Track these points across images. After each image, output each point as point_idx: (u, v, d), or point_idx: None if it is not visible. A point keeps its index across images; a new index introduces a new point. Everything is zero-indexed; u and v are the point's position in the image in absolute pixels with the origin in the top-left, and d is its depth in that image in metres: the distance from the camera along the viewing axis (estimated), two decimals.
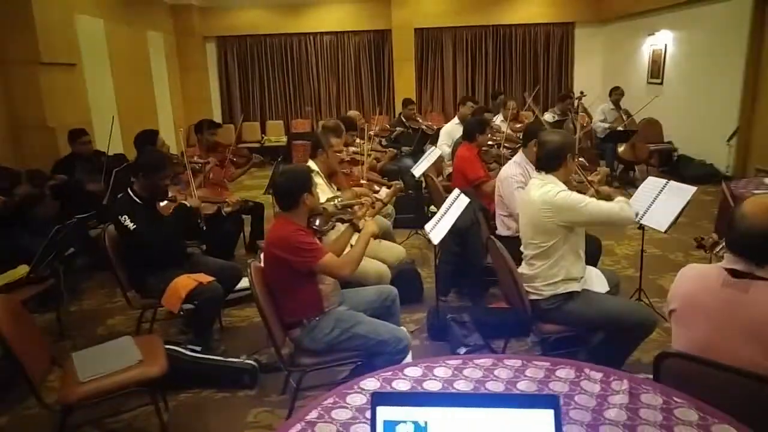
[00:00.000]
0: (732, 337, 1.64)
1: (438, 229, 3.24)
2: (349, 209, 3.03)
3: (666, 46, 8.61)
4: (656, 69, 8.88)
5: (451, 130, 6.19)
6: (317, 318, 2.66)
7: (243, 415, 2.95)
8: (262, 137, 10.70)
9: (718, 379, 1.60)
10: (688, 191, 3.22)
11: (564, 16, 10.41)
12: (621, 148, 7.47)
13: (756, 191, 3.84)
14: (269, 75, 10.62)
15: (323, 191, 3.55)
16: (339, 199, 3.11)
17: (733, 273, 1.65)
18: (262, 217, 5.36)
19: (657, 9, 8.56)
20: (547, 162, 2.78)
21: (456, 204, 3.25)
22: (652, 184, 3.49)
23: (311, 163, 3.70)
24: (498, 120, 6.60)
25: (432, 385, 1.68)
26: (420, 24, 10.34)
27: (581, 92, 7.93)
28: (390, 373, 1.76)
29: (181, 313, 3.44)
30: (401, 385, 1.69)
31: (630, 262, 4.89)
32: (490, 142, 4.71)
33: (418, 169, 4.97)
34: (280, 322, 2.65)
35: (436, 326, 3.47)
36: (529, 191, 2.83)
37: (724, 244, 2.04)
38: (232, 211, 3.84)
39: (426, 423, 1.16)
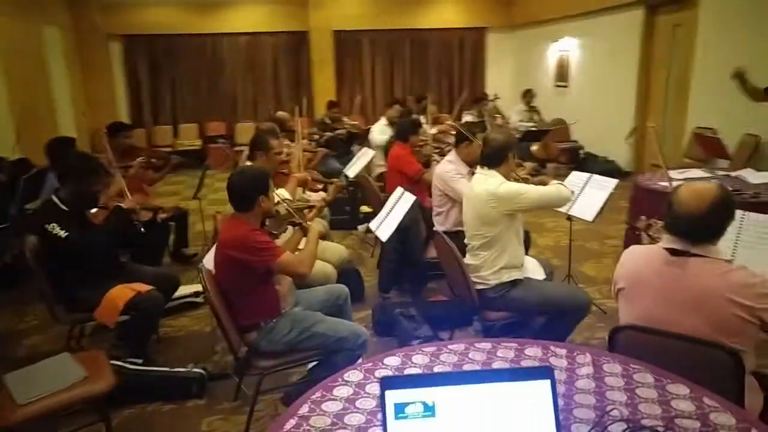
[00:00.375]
0: (675, 310, 1.82)
1: (384, 226, 3.31)
2: (300, 212, 3.02)
3: (570, 51, 9.22)
4: (562, 73, 9.49)
5: (382, 129, 6.30)
6: (274, 320, 2.64)
7: (196, 424, 2.86)
8: (175, 141, 10.29)
9: (665, 347, 1.78)
10: (610, 183, 3.50)
11: (476, 22, 10.86)
12: (534, 147, 7.91)
13: (662, 182, 4.23)
14: (182, 77, 10.23)
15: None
16: (287, 203, 3.08)
17: (672, 252, 1.84)
18: (186, 224, 5.18)
19: (561, 18, 9.16)
20: (490, 159, 2.93)
21: (401, 202, 3.33)
22: (576, 177, 3.75)
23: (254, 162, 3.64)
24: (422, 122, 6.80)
25: (414, 372, 1.73)
26: (338, 26, 10.38)
27: (495, 95, 8.34)
28: (371, 363, 1.79)
29: (110, 326, 3.26)
30: (384, 374, 1.73)
31: (553, 252, 5.21)
32: (420, 143, 4.84)
33: (352, 170, 5.02)
34: (236, 326, 2.60)
35: (383, 322, 3.53)
36: (474, 186, 2.97)
37: (658, 224, 2.27)
38: (167, 217, 3.69)
39: (434, 402, 1.21)
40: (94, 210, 3.25)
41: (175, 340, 3.78)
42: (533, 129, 7.62)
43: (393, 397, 1.20)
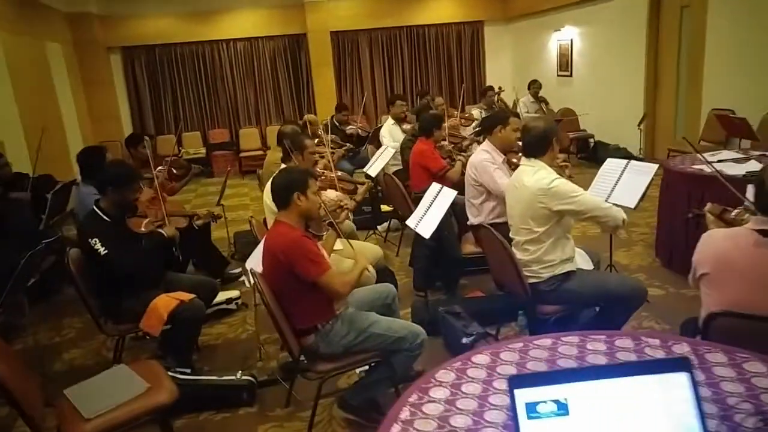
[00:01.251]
0: None
1: (425, 223, 3.27)
2: (334, 213, 2.99)
3: (572, 40, 9.21)
4: (565, 62, 9.48)
5: (391, 129, 6.26)
6: (330, 322, 2.60)
7: None
8: (180, 150, 10.18)
9: (762, 332, 1.75)
10: (650, 168, 3.47)
11: (473, 15, 10.85)
12: None
13: (695, 166, 4.22)
14: (182, 85, 10.14)
15: None
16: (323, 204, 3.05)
17: (763, 233, 1.81)
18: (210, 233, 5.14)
19: (560, 6, 9.14)
20: (533, 147, 2.88)
21: (441, 198, 3.29)
22: (612, 165, 3.72)
23: (291, 163, 3.60)
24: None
25: (507, 369, 1.70)
26: (335, 27, 10.34)
27: (500, 87, 8.33)
28: (460, 363, 1.76)
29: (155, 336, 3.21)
30: (477, 373, 1.69)
31: (580, 242, 5.12)
32: (443, 138, 4.81)
33: (373, 169, 4.98)
34: (293, 331, 2.56)
35: (426, 321, 3.48)
36: (521, 177, 2.91)
37: (731, 211, 2.24)
38: (203, 223, 3.64)
39: (566, 399, 1.18)
40: (132, 219, 3.20)
41: (214, 348, 3.74)
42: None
43: (523, 396, 1.17)
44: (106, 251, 2.95)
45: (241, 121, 10.36)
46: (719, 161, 4.38)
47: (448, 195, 3.24)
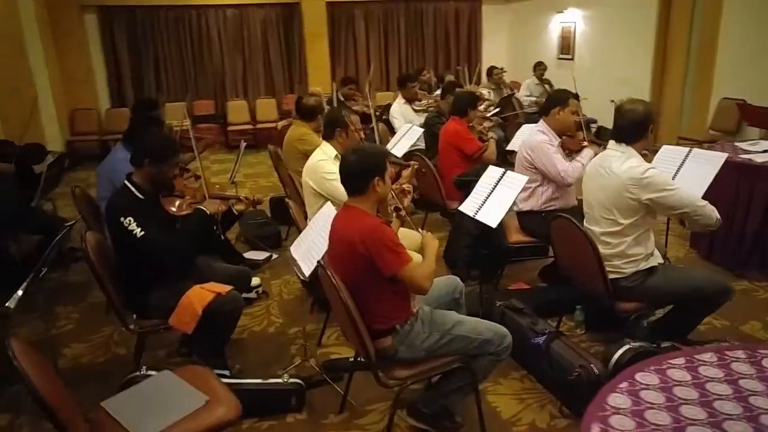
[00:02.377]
0: None
1: (490, 211, 2.97)
2: (398, 197, 2.67)
3: (575, 23, 8.98)
4: (566, 45, 9.26)
5: (403, 110, 5.93)
6: (409, 322, 2.30)
7: None
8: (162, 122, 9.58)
9: None
10: (718, 158, 3.24)
11: None
12: None
13: (743, 156, 4.05)
14: (165, 53, 9.45)
15: (336, 173, 3.14)
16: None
17: None
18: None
19: None
20: (627, 133, 2.63)
21: (508, 183, 3.00)
22: (670, 152, 3.48)
23: (326, 146, 3.24)
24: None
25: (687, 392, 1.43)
26: None
27: (502, 68, 8.07)
28: (626, 384, 1.48)
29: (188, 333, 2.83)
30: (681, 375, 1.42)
31: None
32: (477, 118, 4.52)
33: (398, 149, 4.65)
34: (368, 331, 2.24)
35: (483, 316, 3.21)
36: (609, 163, 2.65)
37: None
38: (245, 208, 3.25)
39: None
40: (168, 199, 2.80)
41: (241, 344, 3.38)
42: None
43: None
44: (143, 232, 2.55)
45: (228, 92, 9.77)
46: (764, 150, 4.23)
47: (519, 180, 2.95)
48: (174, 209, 2.81)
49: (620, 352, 2.59)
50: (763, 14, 6.11)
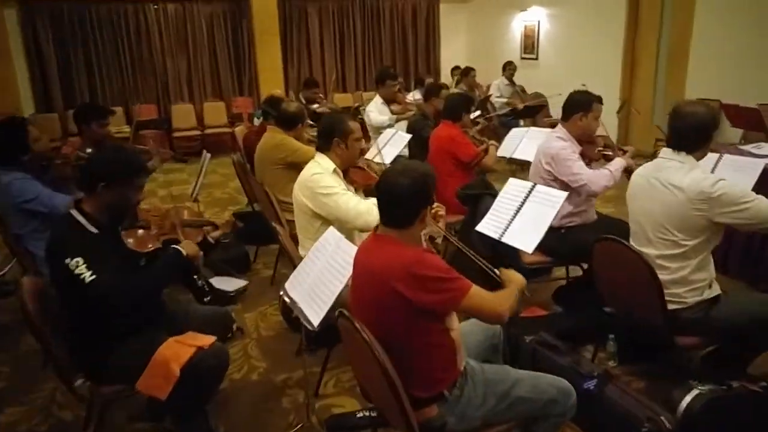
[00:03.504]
0: None
1: (520, 232, 2.53)
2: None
3: (539, 21, 8.76)
4: (530, 44, 9.04)
5: (380, 110, 5.43)
6: (458, 385, 1.82)
7: None
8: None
9: None
10: (756, 165, 2.93)
11: None
12: (522, 123, 7.39)
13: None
14: (98, 53, 8.51)
15: (336, 188, 2.63)
16: None
17: None
18: None
19: None
20: (689, 139, 2.25)
21: (538, 198, 2.57)
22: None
23: (321, 158, 2.71)
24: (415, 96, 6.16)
25: None
26: None
27: (472, 69, 7.76)
28: None
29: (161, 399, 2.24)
30: None
31: None
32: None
33: (387, 156, 4.15)
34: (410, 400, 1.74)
35: (510, 355, 2.76)
36: (666, 175, 2.27)
37: None
38: (221, 235, 2.66)
39: None
40: (131, 231, 2.20)
41: (221, 397, 2.77)
42: (530, 105, 7.00)
43: None
44: (93, 276, 1.95)
45: (172, 96, 8.97)
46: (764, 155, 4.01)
47: (555, 196, 2.52)
48: (137, 244, 2.22)
49: (689, 399, 2.20)
50: (735, 14, 6.04)
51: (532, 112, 7.06)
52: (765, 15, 5.72)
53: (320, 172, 2.61)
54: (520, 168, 6.12)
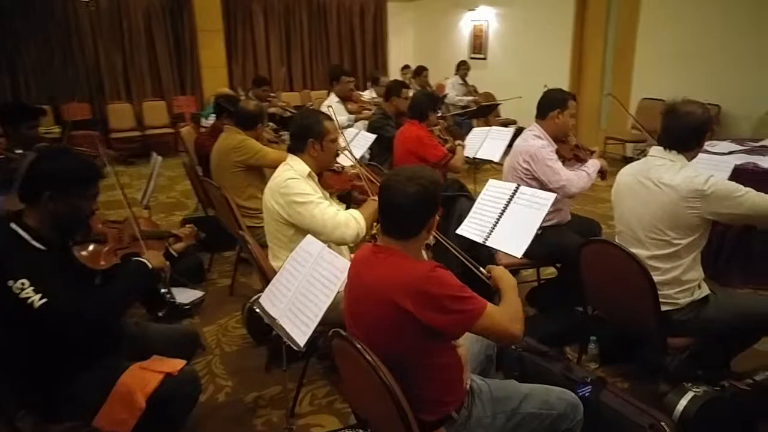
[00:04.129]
0: None
1: (507, 236, 2.42)
2: None
3: (488, 21, 8.80)
4: (479, 44, 9.07)
5: (336, 109, 5.24)
6: (465, 405, 1.68)
7: None
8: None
9: None
10: (729, 163, 2.96)
11: None
12: (475, 123, 7.39)
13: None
14: (19, 45, 7.80)
15: (312, 196, 2.44)
16: None
17: None
18: None
19: None
20: (680, 139, 2.21)
21: (523, 200, 2.47)
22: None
23: (294, 161, 2.50)
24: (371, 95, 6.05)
25: None
26: None
27: (425, 68, 7.69)
28: None
29: None
30: None
31: None
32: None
33: (347, 159, 3.97)
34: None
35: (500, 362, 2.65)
36: (658, 174, 2.21)
37: None
38: (184, 247, 2.39)
39: None
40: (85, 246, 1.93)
41: (189, 424, 2.53)
42: (484, 104, 6.99)
43: None
44: (44, 300, 1.69)
45: (108, 94, 8.41)
46: (718, 152, 4.09)
47: (542, 198, 2.43)
48: (92, 261, 1.96)
49: (685, 402, 2.16)
50: (679, 13, 6.21)
51: (486, 111, 7.05)
52: (709, 14, 5.91)
53: (295, 177, 2.41)
54: (474, 167, 6.06)
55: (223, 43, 8.87)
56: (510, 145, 4.26)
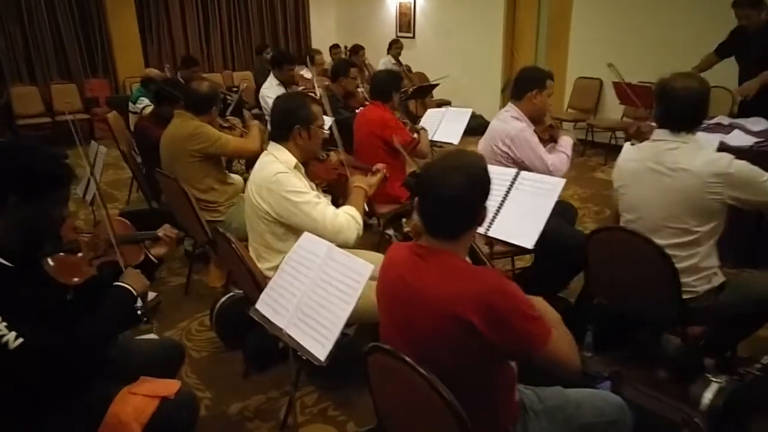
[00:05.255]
0: None
1: (513, 226, 2.32)
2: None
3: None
4: (406, 22, 8.94)
5: (276, 91, 4.96)
6: (520, 420, 1.58)
7: None
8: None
9: None
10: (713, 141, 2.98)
11: None
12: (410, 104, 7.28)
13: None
14: None
15: (308, 195, 2.22)
16: None
17: None
18: None
19: None
20: (687, 118, 2.11)
21: (525, 186, 2.38)
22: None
23: (278, 151, 2.26)
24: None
25: None
26: None
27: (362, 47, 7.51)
28: None
29: None
30: None
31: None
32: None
33: None
34: None
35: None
36: (674, 160, 2.10)
37: None
38: (167, 252, 2.09)
39: None
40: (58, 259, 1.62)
41: None
42: (421, 86, 6.86)
43: None
44: (20, 340, 1.40)
45: (8, 76, 7.47)
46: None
47: (549, 183, 2.34)
48: (65, 275, 1.66)
49: (710, 394, 2.09)
50: None
51: (424, 93, 6.95)
52: None
53: (284, 171, 2.18)
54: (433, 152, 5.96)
55: (135, 20, 8.17)
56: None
